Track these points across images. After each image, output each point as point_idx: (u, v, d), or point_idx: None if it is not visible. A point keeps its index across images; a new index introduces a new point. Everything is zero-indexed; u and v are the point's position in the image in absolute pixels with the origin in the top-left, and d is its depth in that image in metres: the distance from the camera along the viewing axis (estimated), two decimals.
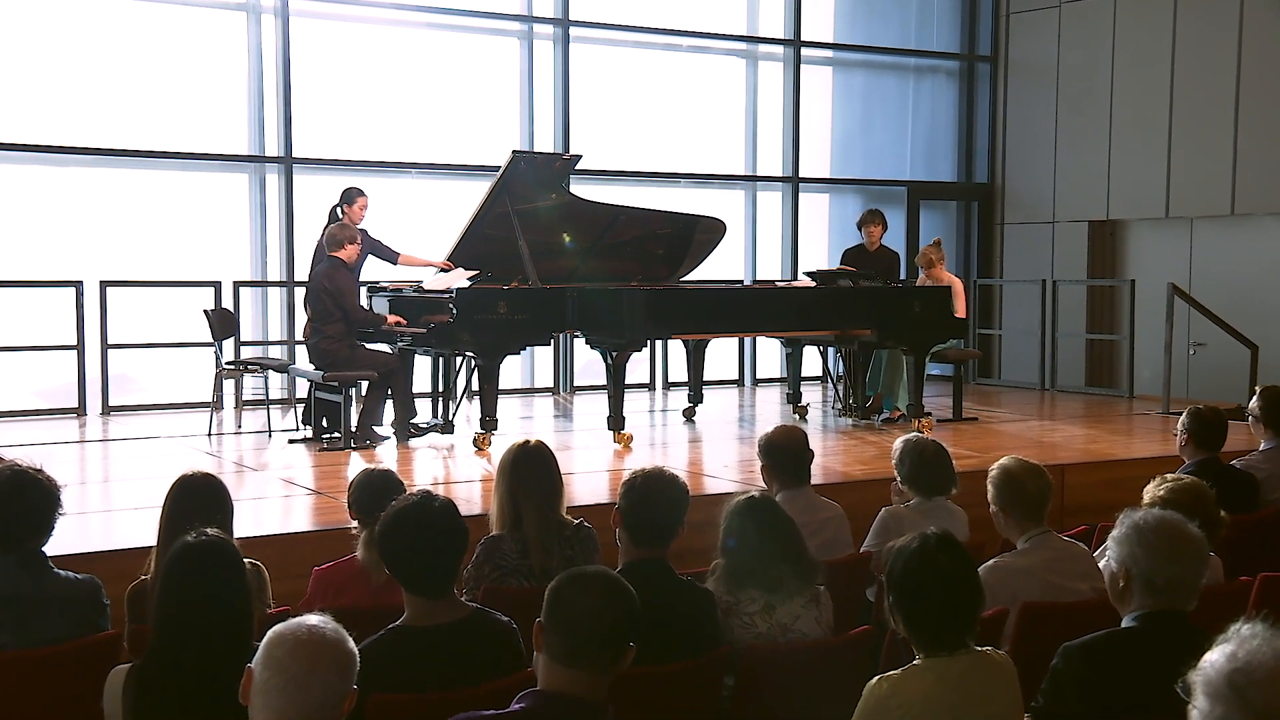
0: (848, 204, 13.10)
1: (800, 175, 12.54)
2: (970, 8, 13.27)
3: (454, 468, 7.29)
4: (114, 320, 9.52)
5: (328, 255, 7.84)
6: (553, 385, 11.32)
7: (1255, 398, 5.80)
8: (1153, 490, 3.99)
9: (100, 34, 9.76)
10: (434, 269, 8.42)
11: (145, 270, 9.85)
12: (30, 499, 3.46)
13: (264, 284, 10.37)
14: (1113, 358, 12.25)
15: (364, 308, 8.09)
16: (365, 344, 7.93)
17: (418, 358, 8.52)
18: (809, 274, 9.52)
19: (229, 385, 9.30)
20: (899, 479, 4.66)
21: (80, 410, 9.37)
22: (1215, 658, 1.95)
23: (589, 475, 6.95)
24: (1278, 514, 5.20)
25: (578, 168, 8.65)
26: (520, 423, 9.13)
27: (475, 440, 7.64)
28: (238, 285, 10.03)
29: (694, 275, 9.19)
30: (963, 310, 9.14)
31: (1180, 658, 2.08)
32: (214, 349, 8.71)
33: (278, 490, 6.52)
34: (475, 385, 8.00)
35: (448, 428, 8.22)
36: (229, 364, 8.77)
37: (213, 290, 9.73)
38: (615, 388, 7.85)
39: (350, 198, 8.37)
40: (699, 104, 12.12)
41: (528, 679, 2.75)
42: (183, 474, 3.77)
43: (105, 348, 9.48)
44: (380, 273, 9.25)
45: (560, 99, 11.32)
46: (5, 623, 3.36)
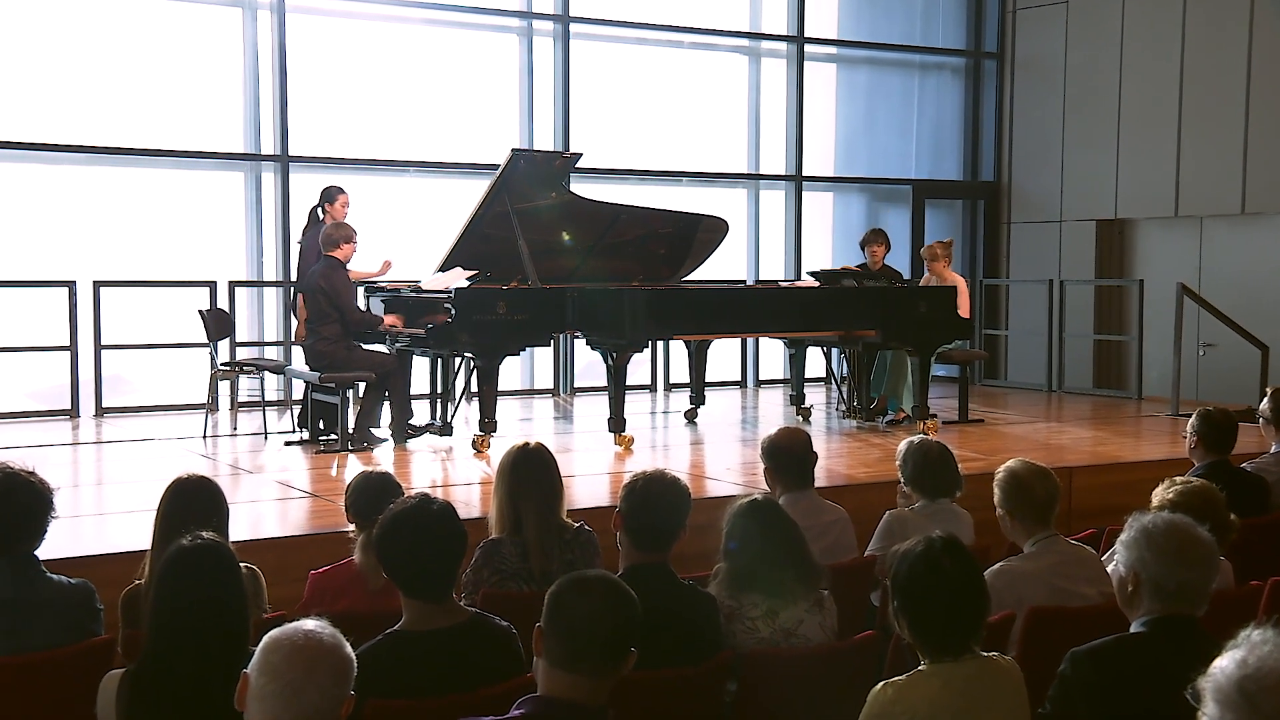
0: (852, 203, 13.08)
1: (804, 174, 12.49)
2: (976, 4, 13.18)
3: (453, 470, 7.26)
4: (108, 321, 9.48)
5: (324, 255, 7.78)
6: (553, 386, 11.29)
7: (1266, 399, 5.79)
8: (1162, 493, 3.96)
9: (93, 30, 9.72)
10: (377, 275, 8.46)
11: (139, 270, 9.82)
12: (22, 502, 3.43)
13: (260, 284, 10.33)
14: (1121, 359, 12.18)
15: (361, 308, 8.05)
16: (362, 345, 7.90)
17: (416, 359, 8.48)
18: (812, 274, 9.51)
19: (224, 386, 9.24)
20: (903, 481, 4.63)
21: (73, 412, 9.34)
22: (1225, 664, 1.94)
23: (589, 478, 6.92)
24: None
25: (578, 166, 8.62)
26: (520, 424, 9.09)
27: (474, 442, 7.60)
28: (233, 285, 9.99)
29: (696, 275, 9.17)
30: (966, 310, 9.10)
31: (1190, 664, 2.06)
32: (209, 350, 8.67)
33: (274, 493, 6.49)
34: (474, 386, 7.97)
35: (446, 429, 8.18)
36: (224, 365, 8.74)
37: (208, 290, 9.68)
38: (616, 389, 7.81)
39: (331, 196, 8.33)
40: (701, 101, 12.08)
41: (527, 684, 2.75)
42: (178, 477, 3.75)
43: (99, 348, 9.44)
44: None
45: (560, 96, 11.28)
46: None
